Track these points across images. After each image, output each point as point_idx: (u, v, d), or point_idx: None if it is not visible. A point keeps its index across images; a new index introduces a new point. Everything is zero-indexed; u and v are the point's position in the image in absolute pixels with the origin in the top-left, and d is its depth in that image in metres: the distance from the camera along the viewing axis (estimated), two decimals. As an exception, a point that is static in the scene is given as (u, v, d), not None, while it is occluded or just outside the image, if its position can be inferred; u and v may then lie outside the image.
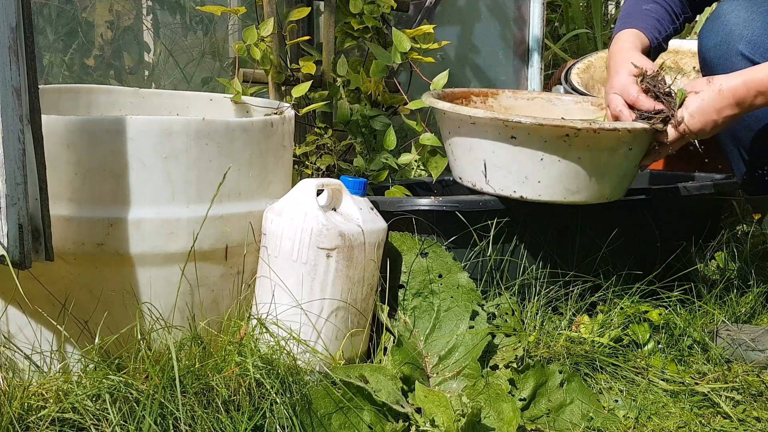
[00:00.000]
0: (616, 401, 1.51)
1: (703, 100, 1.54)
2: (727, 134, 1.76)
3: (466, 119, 1.65)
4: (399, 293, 1.62)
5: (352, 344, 1.51)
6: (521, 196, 1.65)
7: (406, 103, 2.13)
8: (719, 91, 1.52)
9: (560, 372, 1.50)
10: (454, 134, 1.71)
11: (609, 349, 1.62)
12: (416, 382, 1.40)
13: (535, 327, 1.66)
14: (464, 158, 1.71)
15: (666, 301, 1.76)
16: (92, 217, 1.36)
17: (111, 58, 2.50)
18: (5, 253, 1.18)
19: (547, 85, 3.17)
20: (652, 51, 1.78)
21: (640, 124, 1.57)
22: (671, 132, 1.57)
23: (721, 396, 1.52)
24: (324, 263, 1.45)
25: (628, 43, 1.73)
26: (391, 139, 2.07)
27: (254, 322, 1.42)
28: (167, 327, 1.36)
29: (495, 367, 1.51)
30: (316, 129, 2.13)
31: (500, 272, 1.71)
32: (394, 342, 1.48)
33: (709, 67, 1.68)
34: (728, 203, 2.07)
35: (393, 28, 2.13)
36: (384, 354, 1.51)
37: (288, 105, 1.68)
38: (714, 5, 1.85)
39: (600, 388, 1.54)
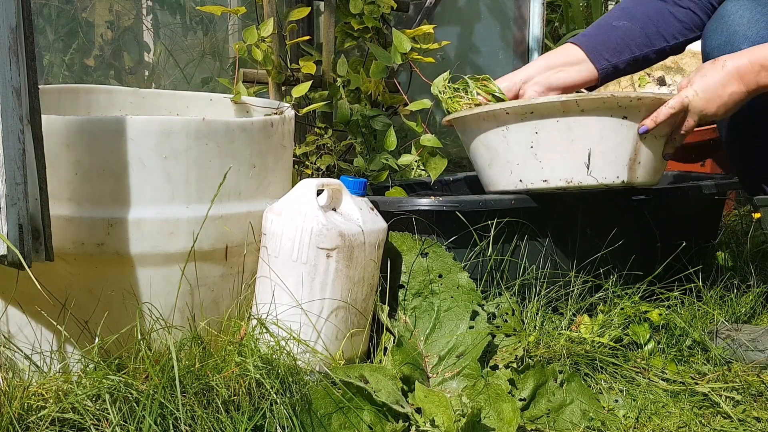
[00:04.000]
0: (616, 401, 1.51)
1: (707, 76, 1.55)
2: (729, 133, 1.76)
3: (573, 107, 1.58)
4: (399, 293, 1.62)
5: (352, 344, 1.51)
6: (623, 182, 1.64)
7: (406, 104, 2.13)
8: (723, 67, 1.53)
9: (560, 372, 1.50)
10: (544, 132, 1.62)
11: (609, 349, 1.62)
12: (416, 382, 1.40)
13: (535, 327, 1.66)
14: (556, 154, 1.62)
15: (666, 301, 1.76)
16: (92, 217, 1.36)
17: (111, 58, 2.50)
18: (14, 249, 1.18)
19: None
20: (600, 71, 1.77)
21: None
22: (676, 103, 1.57)
23: (721, 396, 1.52)
24: (324, 263, 1.45)
25: (541, 60, 1.79)
26: (391, 140, 2.07)
27: (254, 322, 1.42)
28: (167, 327, 1.36)
29: (495, 367, 1.51)
30: (316, 129, 2.13)
31: (500, 272, 1.71)
32: (394, 342, 1.48)
33: None
34: (728, 203, 2.07)
35: (393, 28, 2.13)
36: (384, 354, 1.51)
37: (288, 105, 1.68)
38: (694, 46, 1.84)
39: (600, 388, 1.54)
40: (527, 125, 1.62)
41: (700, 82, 1.56)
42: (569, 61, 1.78)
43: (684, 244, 1.88)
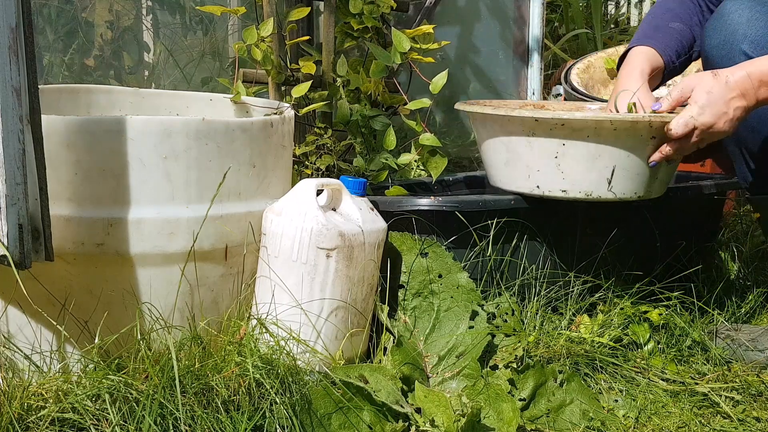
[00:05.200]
0: (616, 401, 1.51)
1: (712, 93, 1.53)
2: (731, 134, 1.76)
3: (606, 126, 1.58)
4: (399, 293, 1.62)
5: (352, 344, 1.51)
6: (639, 197, 1.67)
7: (405, 104, 2.13)
8: (726, 83, 1.52)
9: (560, 372, 1.50)
10: (572, 146, 1.61)
11: (609, 349, 1.62)
12: (416, 382, 1.40)
13: (534, 327, 1.66)
14: (581, 167, 1.62)
15: (666, 302, 1.76)
16: (92, 217, 1.36)
17: (111, 58, 2.50)
18: (7, 252, 1.18)
19: (547, 85, 3.17)
20: (666, 74, 1.81)
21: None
22: (681, 127, 1.56)
23: (720, 396, 1.52)
24: (324, 263, 1.45)
25: (636, 69, 1.76)
26: (391, 139, 2.07)
27: (254, 322, 1.42)
28: (167, 327, 1.36)
29: (495, 367, 1.51)
30: (315, 129, 2.13)
31: (500, 272, 1.71)
32: (394, 342, 1.48)
33: (711, 65, 1.69)
34: (728, 203, 2.07)
35: (393, 28, 2.13)
36: (384, 354, 1.51)
37: (288, 105, 1.68)
38: None
39: (600, 388, 1.54)
40: (556, 136, 1.62)
41: (705, 99, 1.54)
42: (659, 67, 1.80)
43: (684, 244, 1.88)
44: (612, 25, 4.87)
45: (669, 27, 1.82)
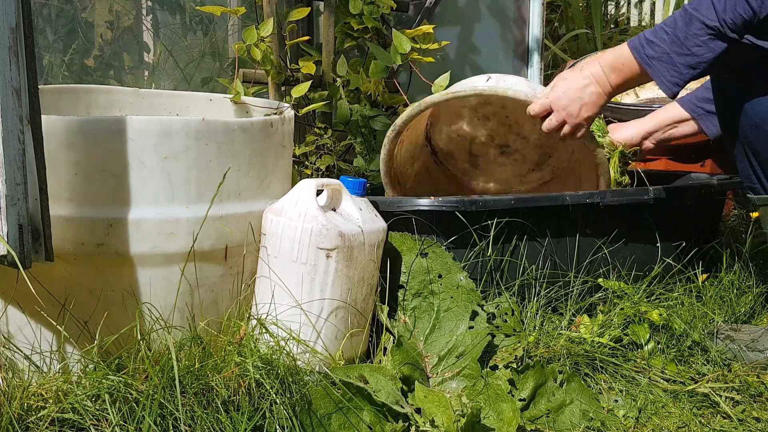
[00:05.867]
0: (616, 401, 1.51)
1: (566, 79, 1.68)
2: (732, 132, 1.76)
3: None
4: (399, 293, 1.62)
5: (351, 344, 1.51)
6: None
7: (406, 104, 2.13)
8: (581, 70, 1.67)
9: (560, 372, 1.50)
10: None
11: (609, 349, 1.62)
12: (416, 382, 1.40)
13: (534, 327, 1.66)
14: None
15: (666, 302, 1.76)
16: (92, 217, 1.36)
17: (111, 58, 2.50)
18: (12, 252, 1.18)
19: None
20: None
21: None
22: (538, 107, 1.71)
23: (720, 396, 1.52)
24: (324, 263, 1.45)
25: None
26: (391, 140, 2.07)
27: (254, 322, 1.42)
28: (167, 327, 1.36)
29: (495, 368, 1.51)
30: (315, 129, 2.13)
31: (500, 272, 1.70)
32: (393, 342, 1.48)
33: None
34: (728, 203, 2.07)
35: (393, 28, 2.13)
36: (384, 354, 1.51)
37: (288, 105, 1.68)
38: None
39: (600, 388, 1.54)
40: None
41: (561, 85, 1.69)
42: (679, 119, 1.96)
43: (684, 244, 1.88)
44: (612, 25, 4.88)
45: (705, 87, 1.95)
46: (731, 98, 1.63)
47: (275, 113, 1.61)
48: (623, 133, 1.97)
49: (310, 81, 2.04)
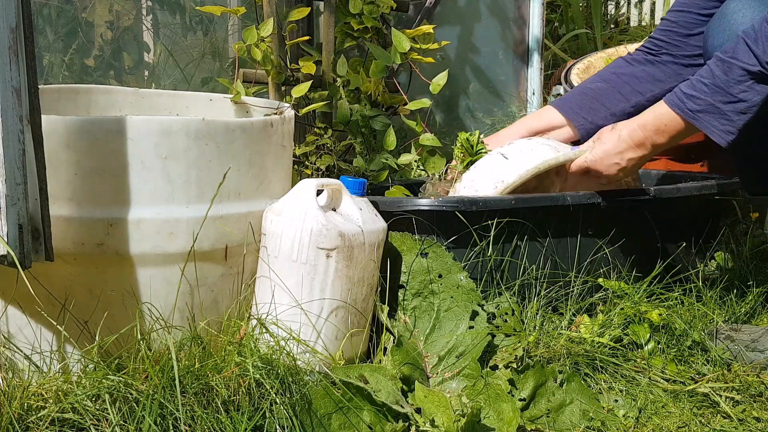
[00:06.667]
0: (616, 401, 1.51)
1: (605, 144, 1.69)
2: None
3: None
4: (399, 293, 1.62)
5: (352, 344, 1.51)
6: None
7: (405, 104, 2.13)
8: (619, 136, 1.67)
9: (560, 372, 1.50)
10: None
11: (609, 349, 1.62)
12: (416, 382, 1.40)
13: (535, 327, 1.66)
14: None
15: (666, 302, 1.76)
16: (92, 217, 1.36)
17: (111, 58, 2.50)
18: (11, 252, 1.18)
19: (547, 85, 3.17)
20: (582, 136, 1.92)
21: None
22: (575, 167, 1.74)
23: (720, 396, 1.52)
24: (324, 263, 1.45)
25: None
26: (391, 140, 2.07)
27: (254, 322, 1.42)
28: (167, 327, 1.36)
29: (495, 367, 1.51)
30: (316, 129, 2.13)
31: (500, 272, 1.70)
32: (394, 342, 1.48)
33: None
34: (728, 203, 2.07)
35: (393, 28, 2.13)
36: (384, 354, 1.51)
37: (288, 105, 1.68)
38: None
39: (600, 388, 1.54)
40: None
41: (599, 148, 1.70)
42: (553, 125, 1.95)
43: (684, 244, 1.88)
44: (612, 25, 4.88)
45: (587, 87, 1.95)
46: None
47: (275, 113, 1.61)
48: (488, 142, 1.93)
49: (310, 81, 2.04)
